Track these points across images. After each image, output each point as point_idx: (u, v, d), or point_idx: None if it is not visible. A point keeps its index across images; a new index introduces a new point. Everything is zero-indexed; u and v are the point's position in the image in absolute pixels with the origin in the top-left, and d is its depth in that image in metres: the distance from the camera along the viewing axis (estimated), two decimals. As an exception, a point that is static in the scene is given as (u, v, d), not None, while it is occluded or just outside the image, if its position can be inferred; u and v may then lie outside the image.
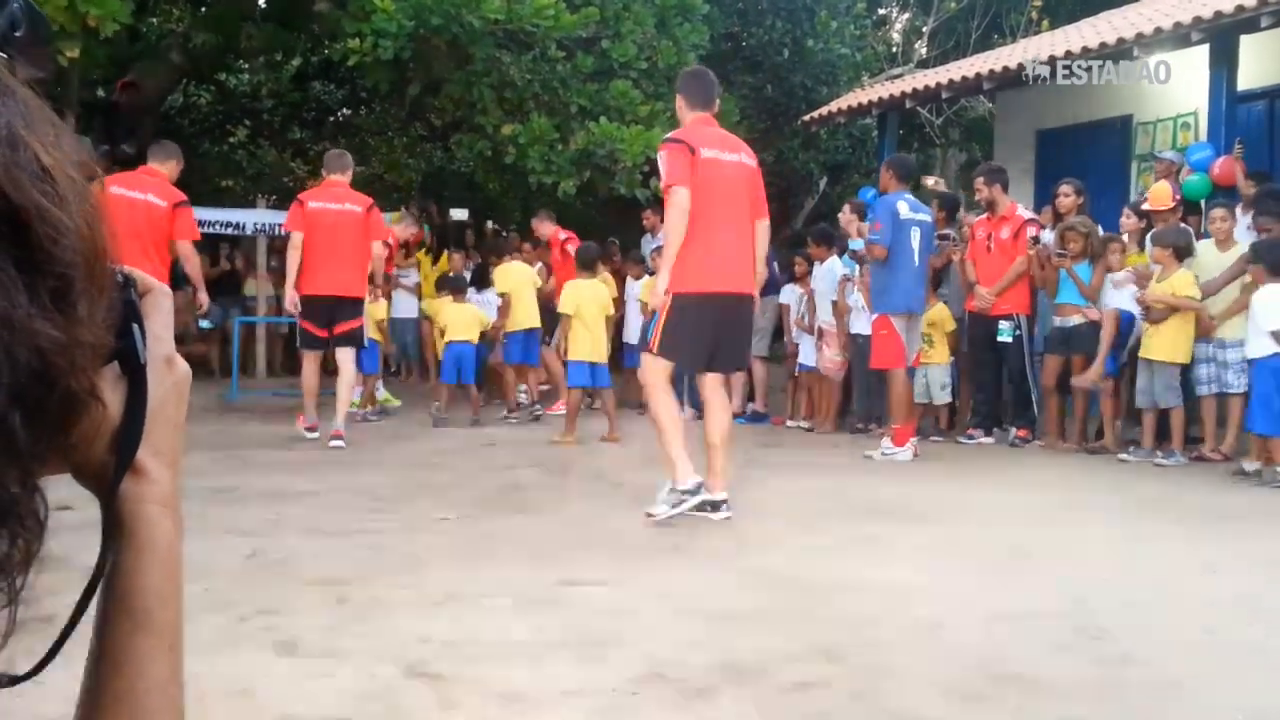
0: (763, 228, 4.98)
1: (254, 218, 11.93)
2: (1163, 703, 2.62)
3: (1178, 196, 7.47)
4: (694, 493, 4.72)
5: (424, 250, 12.13)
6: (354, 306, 7.38)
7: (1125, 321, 7.18)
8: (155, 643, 0.65)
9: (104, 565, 0.64)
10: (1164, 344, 6.76)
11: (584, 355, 7.61)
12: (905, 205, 7.12)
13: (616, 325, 9.33)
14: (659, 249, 7.02)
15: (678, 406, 4.95)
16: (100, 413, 0.58)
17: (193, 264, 7.14)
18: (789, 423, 8.91)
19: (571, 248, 9.38)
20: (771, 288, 9.03)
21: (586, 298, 7.70)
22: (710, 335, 4.81)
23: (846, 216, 8.93)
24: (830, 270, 8.44)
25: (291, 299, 7.18)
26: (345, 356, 7.37)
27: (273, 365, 12.18)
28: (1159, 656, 2.97)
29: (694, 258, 4.68)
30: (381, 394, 9.69)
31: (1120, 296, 7.22)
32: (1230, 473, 6.30)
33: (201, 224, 11.69)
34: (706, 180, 4.67)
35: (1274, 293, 6.23)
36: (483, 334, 9.31)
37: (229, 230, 12.02)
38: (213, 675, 2.67)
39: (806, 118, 13.51)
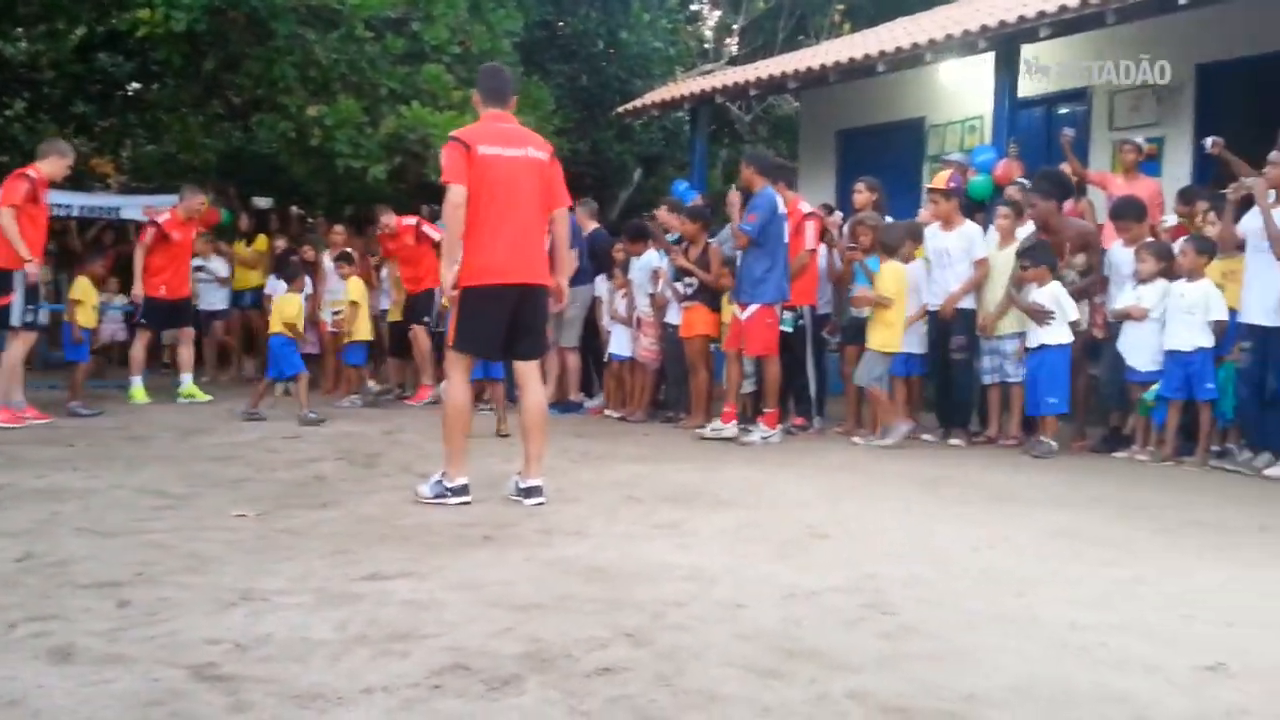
0: (560, 216, 5.12)
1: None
2: (944, 672, 2.77)
3: (952, 184, 7.87)
4: (457, 493, 4.86)
5: (240, 238, 11.61)
6: None
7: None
8: None
9: None
10: (878, 335, 7.24)
11: None
12: (780, 200, 7.39)
13: None
14: None
15: (469, 401, 5.04)
16: None
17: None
18: (607, 412, 8.97)
19: (430, 229, 9.10)
20: (583, 276, 9.08)
21: None
22: (503, 325, 4.93)
23: (665, 215, 9.05)
24: (647, 263, 8.57)
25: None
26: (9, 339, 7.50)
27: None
28: (941, 629, 3.14)
29: (480, 252, 4.86)
30: (185, 387, 9.18)
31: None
32: (1024, 453, 6.85)
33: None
34: (486, 176, 4.84)
35: (1056, 289, 6.85)
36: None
37: (3, 210, 11.13)
38: (-25, 687, 2.49)
39: (621, 109, 13.65)
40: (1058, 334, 6.85)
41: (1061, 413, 6.94)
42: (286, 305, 8.50)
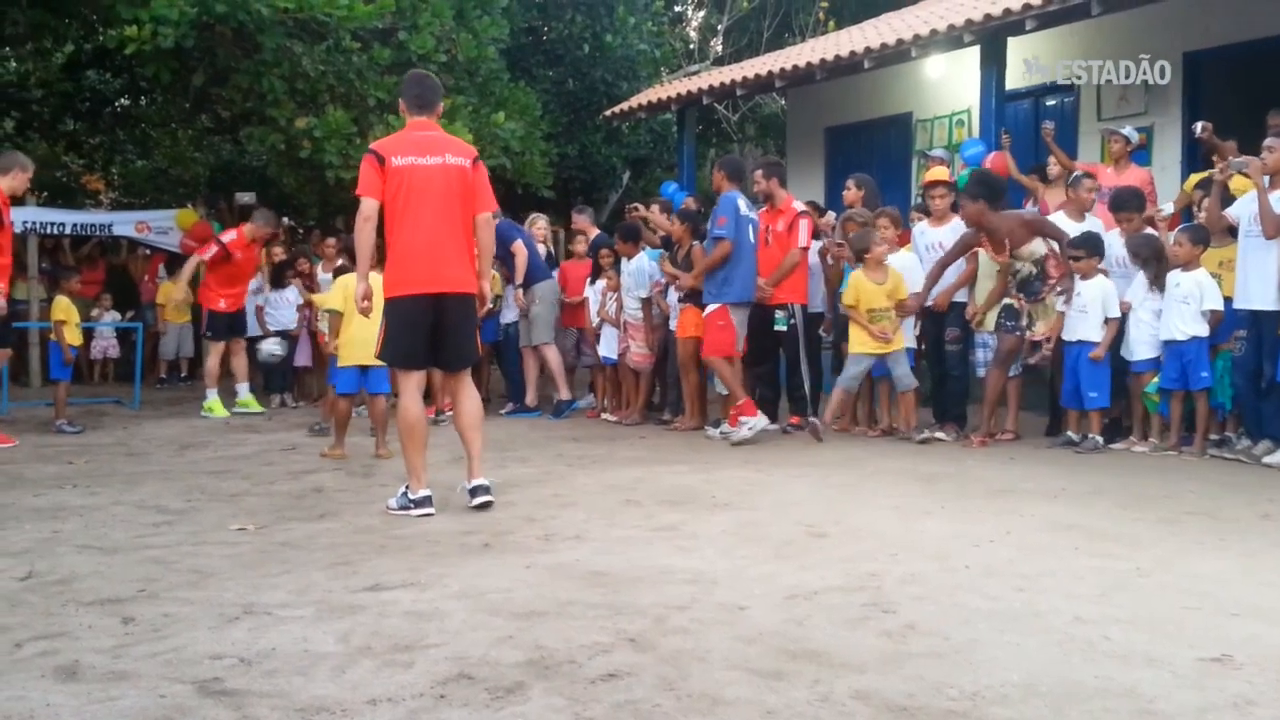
0: (483, 222, 5.08)
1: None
2: (948, 670, 2.78)
3: (953, 177, 7.86)
4: (419, 504, 4.90)
5: None
6: None
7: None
8: None
9: None
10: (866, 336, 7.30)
11: (355, 359, 6.59)
12: (743, 203, 7.46)
13: None
14: None
15: (423, 414, 5.06)
16: None
17: None
18: (604, 416, 8.96)
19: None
20: (540, 273, 9.08)
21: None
22: (428, 335, 4.94)
23: (655, 216, 9.01)
24: (640, 267, 8.52)
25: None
26: None
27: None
28: (941, 626, 3.15)
29: (399, 263, 4.91)
30: (242, 397, 9.14)
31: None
32: (1056, 444, 6.91)
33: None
34: (402, 187, 4.87)
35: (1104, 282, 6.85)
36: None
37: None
38: (-19, 709, 2.49)
39: (608, 112, 13.65)
40: (1095, 329, 6.82)
41: (1104, 406, 6.89)
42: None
